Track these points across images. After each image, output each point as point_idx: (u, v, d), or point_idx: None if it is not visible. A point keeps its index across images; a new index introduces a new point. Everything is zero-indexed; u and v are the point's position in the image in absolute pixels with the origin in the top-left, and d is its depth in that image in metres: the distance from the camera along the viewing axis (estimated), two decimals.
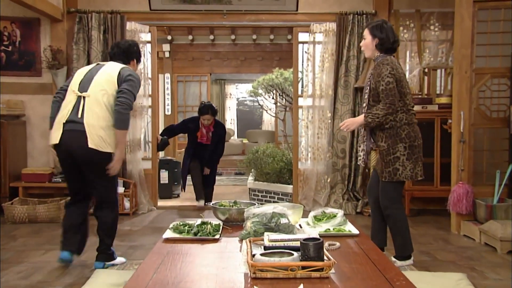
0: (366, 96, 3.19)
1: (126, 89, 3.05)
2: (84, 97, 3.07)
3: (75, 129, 3.00)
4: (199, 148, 5.52)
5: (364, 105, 3.21)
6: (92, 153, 2.99)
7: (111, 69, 3.18)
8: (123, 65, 3.24)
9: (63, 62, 5.10)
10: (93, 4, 5.22)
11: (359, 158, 3.39)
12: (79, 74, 3.23)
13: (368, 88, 3.17)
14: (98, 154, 3.00)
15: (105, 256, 3.28)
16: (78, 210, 3.29)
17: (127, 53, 3.34)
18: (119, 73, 3.14)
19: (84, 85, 3.12)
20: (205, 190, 5.60)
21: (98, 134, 3.00)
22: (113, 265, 3.30)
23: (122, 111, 3.01)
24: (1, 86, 5.10)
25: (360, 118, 3.14)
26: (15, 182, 4.93)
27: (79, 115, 3.02)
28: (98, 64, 3.34)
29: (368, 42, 3.17)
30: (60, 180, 4.96)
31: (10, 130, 4.87)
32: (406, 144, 3.09)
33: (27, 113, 5.23)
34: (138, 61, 3.45)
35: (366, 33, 3.19)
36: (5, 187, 4.84)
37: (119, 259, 3.37)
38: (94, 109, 3.03)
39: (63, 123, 3.04)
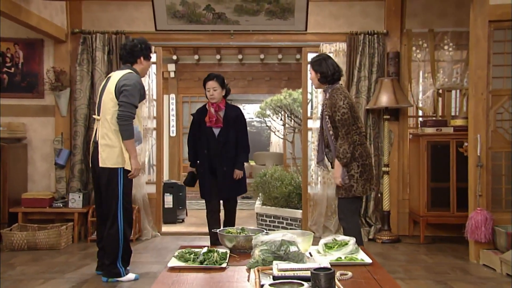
0: (329, 125, 3.56)
1: (122, 101, 3.46)
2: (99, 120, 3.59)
3: (95, 148, 3.58)
4: (207, 139, 4.26)
5: (331, 132, 3.56)
6: (101, 170, 3.52)
7: (112, 84, 3.58)
8: (123, 73, 3.57)
9: (66, 84, 5.20)
10: (97, 25, 5.34)
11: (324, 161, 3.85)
12: (98, 95, 3.70)
13: (327, 118, 3.55)
14: (104, 170, 3.51)
15: (108, 272, 3.59)
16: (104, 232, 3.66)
17: (132, 53, 3.67)
18: (115, 86, 3.49)
19: (98, 108, 3.64)
20: (226, 206, 4.39)
21: (105, 152, 3.49)
22: (117, 281, 3.58)
23: (121, 123, 3.45)
24: (2, 108, 5.20)
25: (338, 166, 3.52)
26: (15, 207, 4.97)
27: (97, 137, 3.56)
28: (108, 78, 3.70)
29: (313, 76, 3.66)
30: (61, 205, 5.00)
31: (10, 153, 4.94)
32: (359, 163, 3.53)
33: (28, 135, 5.30)
34: (146, 58, 3.74)
35: (310, 68, 3.68)
36: (4, 212, 4.87)
37: (128, 277, 3.62)
38: (104, 130, 3.52)
39: (91, 145, 3.68)
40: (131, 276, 3.64)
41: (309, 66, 3.79)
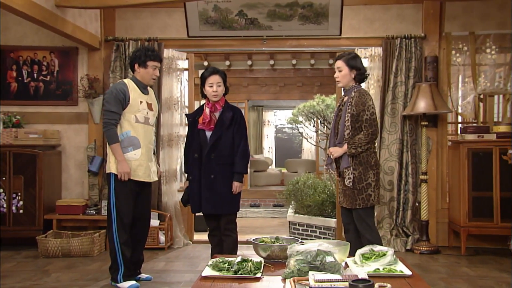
0: (348, 124, 3.55)
1: (103, 110, 3.81)
2: None
3: None
4: (199, 143, 3.82)
5: (348, 131, 3.55)
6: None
7: None
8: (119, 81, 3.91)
9: (100, 91, 5.34)
10: (130, 32, 5.47)
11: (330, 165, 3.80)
12: None
13: (349, 116, 3.53)
14: (106, 175, 3.82)
15: (111, 275, 3.77)
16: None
17: (130, 63, 3.89)
18: None
19: None
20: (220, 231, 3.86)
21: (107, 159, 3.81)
22: (116, 286, 3.75)
23: (103, 130, 3.74)
24: (38, 116, 5.39)
25: (344, 148, 3.56)
26: (49, 214, 5.12)
27: None
28: None
29: (345, 73, 3.64)
30: (94, 213, 5.13)
31: (45, 160, 5.10)
32: (374, 171, 3.58)
33: (62, 143, 5.46)
34: (142, 65, 3.82)
35: (342, 64, 3.65)
36: (39, 219, 5.02)
37: (122, 284, 3.69)
38: None
39: None
40: (125, 284, 3.69)
41: (338, 62, 3.67)
